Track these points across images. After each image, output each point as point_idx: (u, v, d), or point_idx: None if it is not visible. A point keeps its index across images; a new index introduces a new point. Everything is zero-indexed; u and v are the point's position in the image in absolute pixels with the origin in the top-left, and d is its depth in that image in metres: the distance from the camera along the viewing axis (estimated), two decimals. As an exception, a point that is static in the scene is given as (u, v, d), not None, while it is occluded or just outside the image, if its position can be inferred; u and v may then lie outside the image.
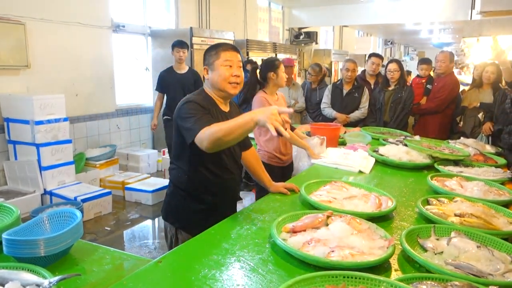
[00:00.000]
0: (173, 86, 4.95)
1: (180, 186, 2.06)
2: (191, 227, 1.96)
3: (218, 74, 1.97)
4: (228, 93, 2.00)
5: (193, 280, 1.33)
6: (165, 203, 2.16)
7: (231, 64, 1.97)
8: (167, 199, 2.15)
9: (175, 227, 2.08)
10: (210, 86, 2.03)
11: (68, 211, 1.65)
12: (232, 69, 1.97)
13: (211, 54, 1.99)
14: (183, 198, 2.05)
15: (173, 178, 2.10)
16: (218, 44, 2.05)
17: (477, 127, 4.22)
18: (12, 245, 1.37)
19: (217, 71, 1.97)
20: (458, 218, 1.76)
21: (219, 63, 1.96)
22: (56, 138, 4.41)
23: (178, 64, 5.04)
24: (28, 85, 4.64)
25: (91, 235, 3.97)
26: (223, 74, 1.96)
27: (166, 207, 2.15)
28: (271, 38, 10.32)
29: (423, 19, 10.05)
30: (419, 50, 23.17)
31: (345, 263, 1.35)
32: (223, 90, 1.99)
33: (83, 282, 1.34)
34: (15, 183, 4.41)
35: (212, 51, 1.99)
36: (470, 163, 2.91)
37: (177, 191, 2.06)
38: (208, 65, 2.01)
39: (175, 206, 2.09)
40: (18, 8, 4.44)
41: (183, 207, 2.04)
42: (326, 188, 2.18)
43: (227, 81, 1.97)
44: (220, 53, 1.97)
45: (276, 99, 3.23)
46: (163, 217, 2.16)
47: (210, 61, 1.99)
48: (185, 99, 1.96)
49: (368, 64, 4.96)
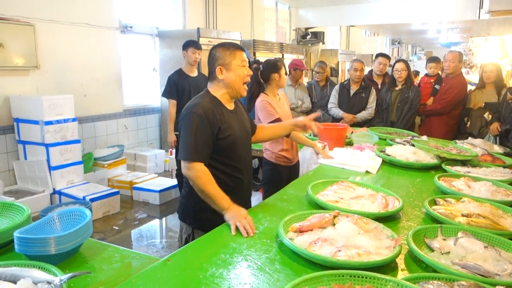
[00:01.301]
0: (188, 92, 4.33)
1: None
2: (208, 226, 1.95)
3: (236, 74, 2.00)
4: (240, 94, 2.06)
5: (201, 279, 1.34)
6: (182, 204, 2.18)
7: (245, 65, 2.03)
8: (183, 201, 2.17)
9: (192, 227, 2.11)
10: (223, 85, 2.03)
11: (77, 210, 1.67)
12: (246, 69, 2.03)
13: (226, 54, 2.00)
14: (201, 198, 2.02)
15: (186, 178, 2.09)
16: (228, 43, 2.07)
17: (484, 127, 4.20)
18: (23, 243, 1.40)
19: (234, 71, 2.00)
20: (465, 219, 1.75)
21: (237, 63, 2.00)
22: (65, 138, 4.45)
23: (190, 67, 4.48)
24: (38, 85, 4.69)
25: (99, 234, 4.01)
26: (242, 74, 2.01)
27: (183, 208, 2.17)
28: (278, 39, 10.32)
29: (430, 18, 9.98)
30: (426, 49, 23.00)
31: (352, 263, 1.35)
32: (237, 90, 2.04)
33: (93, 280, 1.36)
34: (24, 183, 4.47)
35: (227, 51, 2.00)
36: (478, 163, 2.89)
37: (194, 192, 2.03)
38: (223, 65, 2.00)
39: (192, 207, 2.10)
40: (27, 9, 4.50)
41: (200, 208, 2.03)
42: (333, 188, 2.19)
43: (242, 81, 2.03)
44: (236, 53, 2.00)
45: (278, 100, 3.24)
46: (180, 218, 2.18)
47: (227, 61, 1.99)
48: (191, 106, 1.98)
49: (375, 64, 4.94)
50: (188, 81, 4.39)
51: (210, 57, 2.06)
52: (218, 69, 2.01)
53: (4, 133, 4.42)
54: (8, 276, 1.26)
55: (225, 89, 2.04)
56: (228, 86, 2.03)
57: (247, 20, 8.83)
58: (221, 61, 2.00)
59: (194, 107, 1.96)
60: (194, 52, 4.40)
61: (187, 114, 1.95)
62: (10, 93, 4.42)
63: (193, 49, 4.41)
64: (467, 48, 9.52)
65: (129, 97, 6.15)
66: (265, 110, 3.06)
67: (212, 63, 2.04)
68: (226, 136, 1.99)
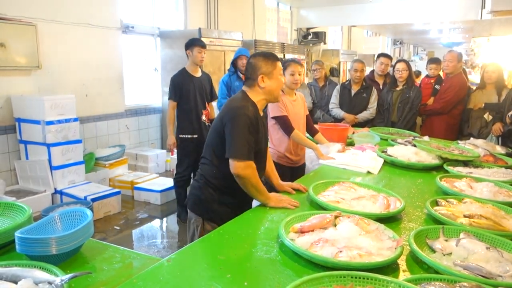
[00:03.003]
0: (193, 94, 4.13)
1: (214, 181, 2.17)
2: (218, 219, 2.09)
3: (277, 83, 2.19)
4: (278, 100, 2.28)
5: (202, 279, 1.34)
6: (193, 196, 2.25)
7: (282, 73, 2.26)
8: (195, 192, 2.24)
9: (202, 218, 2.19)
10: (263, 92, 2.17)
11: (79, 210, 1.67)
12: (283, 77, 2.25)
13: (267, 64, 2.16)
14: (215, 192, 2.17)
15: (205, 173, 2.20)
16: (268, 54, 2.23)
17: (484, 127, 4.19)
18: (24, 243, 1.40)
19: (276, 80, 2.18)
20: (467, 219, 1.75)
21: (277, 73, 2.18)
22: (66, 138, 4.46)
23: (195, 67, 4.21)
24: (39, 85, 4.70)
25: (100, 234, 4.01)
26: (281, 83, 2.22)
27: (194, 199, 2.24)
28: (279, 39, 10.31)
29: (432, 18, 9.96)
30: (428, 50, 22.96)
31: (353, 264, 1.35)
32: (276, 96, 2.23)
33: (94, 280, 1.36)
34: (26, 183, 4.47)
35: (268, 61, 2.17)
36: (480, 164, 2.89)
37: (209, 185, 2.18)
38: (266, 74, 2.15)
39: (205, 198, 2.19)
40: (29, 9, 4.50)
41: (214, 200, 2.17)
42: (334, 188, 2.18)
43: (281, 89, 2.25)
44: (275, 64, 2.18)
45: (293, 99, 3.24)
46: (190, 209, 2.26)
47: (268, 70, 2.15)
48: (240, 108, 2.08)
49: (376, 64, 4.93)
50: (192, 82, 4.16)
51: (250, 65, 2.19)
52: (260, 78, 2.15)
53: (5, 133, 4.43)
54: (9, 276, 1.26)
55: (264, 96, 2.19)
56: (268, 93, 2.18)
57: (248, 20, 8.82)
58: (263, 70, 2.15)
59: (243, 108, 2.07)
60: (200, 52, 4.13)
61: (238, 114, 2.05)
62: (12, 93, 4.43)
63: (199, 48, 4.13)
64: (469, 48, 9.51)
65: (130, 97, 6.15)
66: (275, 104, 3.08)
67: (254, 71, 2.17)
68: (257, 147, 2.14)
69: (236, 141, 2.01)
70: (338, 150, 3.06)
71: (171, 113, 4.19)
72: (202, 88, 4.19)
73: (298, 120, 3.21)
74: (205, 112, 4.20)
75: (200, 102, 4.17)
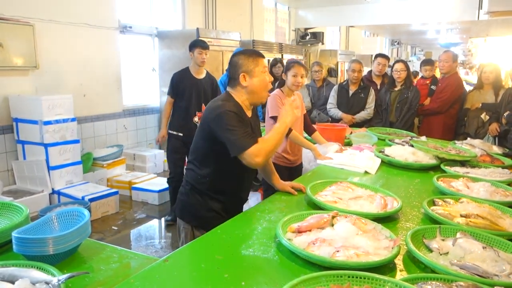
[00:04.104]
0: (189, 93, 4.14)
1: (199, 187, 2.09)
2: (207, 225, 1.98)
3: (260, 81, 2.03)
4: (261, 101, 2.12)
5: (199, 279, 1.34)
6: (181, 202, 2.18)
7: (267, 71, 2.07)
8: (182, 198, 2.17)
9: (191, 225, 2.12)
10: (245, 92, 2.05)
11: (76, 210, 1.67)
12: (268, 75, 2.07)
13: (249, 61, 2.02)
14: (202, 197, 2.09)
15: (191, 178, 2.12)
16: (250, 50, 2.11)
17: (480, 128, 4.21)
18: (21, 243, 1.40)
19: (258, 78, 2.02)
20: (464, 219, 1.75)
21: (260, 70, 2.03)
22: (64, 138, 4.45)
23: (198, 68, 4.17)
24: (37, 85, 4.68)
25: (98, 234, 4.00)
26: (265, 81, 2.04)
27: (181, 206, 2.18)
28: (277, 39, 10.31)
29: (430, 19, 9.99)
30: (426, 50, 23.01)
31: (350, 263, 1.35)
32: (261, 97, 2.08)
33: (91, 280, 1.36)
34: (23, 183, 4.46)
35: (249, 58, 2.03)
36: (477, 164, 2.89)
37: (195, 191, 2.10)
38: (247, 72, 2.02)
39: (192, 205, 2.12)
40: (27, 9, 4.49)
41: (201, 206, 2.09)
42: (331, 188, 2.19)
43: (266, 88, 2.07)
44: (257, 60, 2.03)
45: (292, 100, 3.23)
46: (178, 216, 2.19)
47: (250, 68, 2.02)
48: (220, 106, 1.96)
49: (374, 64, 4.95)
50: (192, 82, 4.15)
51: (231, 64, 2.07)
52: (241, 76, 2.02)
53: (3, 133, 4.42)
54: (6, 276, 1.26)
55: (247, 95, 2.06)
56: (251, 92, 2.04)
57: (246, 20, 8.83)
58: (244, 68, 2.02)
59: (223, 106, 1.96)
60: (200, 53, 4.09)
61: (220, 113, 1.93)
62: (9, 93, 4.42)
63: (199, 50, 4.09)
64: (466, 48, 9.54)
65: (128, 97, 6.14)
66: (274, 103, 3.11)
67: (235, 70, 2.04)
68: None
69: (234, 136, 1.89)
70: (335, 150, 3.07)
71: (166, 108, 4.29)
72: (201, 90, 4.16)
73: (296, 120, 3.21)
74: (199, 114, 4.14)
75: (195, 103, 4.12)
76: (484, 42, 8.70)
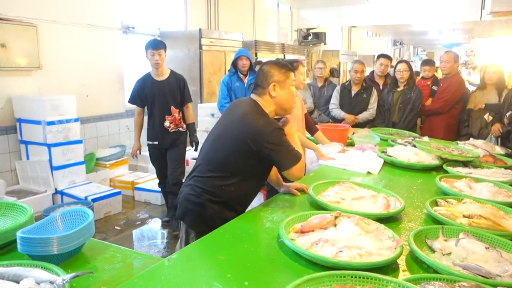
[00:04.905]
0: (152, 98, 3.90)
1: (219, 196, 2.00)
2: None
3: (289, 93, 2.05)
4: (288, 112, 2.12)
5: (202, 279, 1.35)
6: (194, 213, 2.03)
7: (294, 84, 2.11)
8: (196, 209, 2.02)
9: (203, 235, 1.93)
10: (274, 102, 2.04)
11: (80, 210, 1.68)
12: (294, 89, 2.11)
13: (281, 72, 2.03)
14: (219, 207, 2.00)
15: (211, 187, 2.01)
16: (282, 63, 2.12)
17: (483, 128, 4.20)
18: (26, 243, 1.41)
19: (288, 90, 2.04)
20: (466, 220, 1.75)
21: (289, 83, 2.05)
22: (67, 139, 4.46)
23: (155, 70, 3.89)
24: (40, 86, 4.70)
25: (101, 234, 4.01)
26: (293, 94, 2.07)
27: (195, 217, 2.03)
28: (279, 39, 10.31)
29: (432, 19, 9.97)
30: (428, 50, 22.96)
31: (353, 264, 1.35)
32: (288, 109, 2.09)
33: (95, 280, 1.37)
34: (27, 183, 4.48)
35: (282, 69, 2.04)
36: (480, 164, 2.89)
37: (213, 201, 1.99)
38: (278, 82, 2.02)
39: (209, 216, 2.00)
40: (30, 10, 4.51)
41: (218, 216, 1.97)
42: (334, 188, 2.19)
43: (293, 102, 2.09)
44: (289, 74, 2.05)
45: None
46: (189, 225, 2.05)
47: (281, 78, 2.03)
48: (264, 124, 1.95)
49: (376, 65, 4.94)
50: (154, 86, 3.90)
51: (262, 72, 2.06)
52: (272, 86, 2.02)
53: (6, 133, 4.43)
54: (11, 275, 1.27)
55: (275, 106, 2.06)
56: (278, 104, 2.05)
57: (248, 20, 8.83)
58: (276, 78, 2.02)
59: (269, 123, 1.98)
60: (153, 54, 3.77)
61: (274, 130, 1.96)
62: (13, 93, 4.43)
63: (151, 51, 3.78)
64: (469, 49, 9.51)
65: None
66: None
67: (266, 79, 2.04)
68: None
69: (286, 153, 1.95)
70: (338, 151, 3.07)
71: (136, 119, 4.15)
72: (165, 92, 3.88)
73: (297, 120, 3.22)
74: (169, 118, 3.93)
75: (161, 107, 3.90)
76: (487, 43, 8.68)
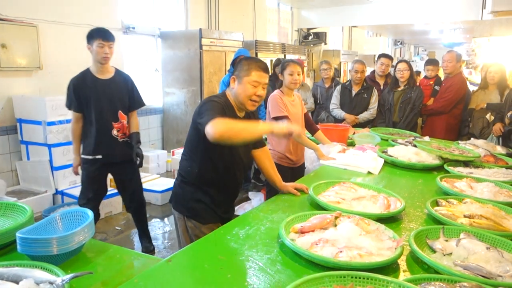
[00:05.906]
0: (95, 100, 3.15)
1: (188, 178, 2.18)
2: (198, 216, 2.15)
3: (243, 89, 2.06)
4: (246, 108, 2.11)
5: (202, 279, 1.35)
6: (174, 194, 2.28)
7: (257, 85, 2.06)
8: (175, 190, 2.26)
9: (183, 215, 2.20)
10: (232, 94, 2.11)
11: (80, 210, 1.68)
12: (256, 89, 2.06)
13: (243, 68, 2.06)
14: (190, 188, 2.17)
15: (182, 170, 2.22)
16: (253, 59, 2.14)
17: (485, 128, 4.19)
18: (26, 244, 1.41)
19: (243, 86, 2.05)
20: (467, 220, 1.75)
21: (248, 80, 2.04)
22: (67, 139, 4.45)
23: (100, 66, 3.24)
24: (40, 86, 4.70)
25: (101, 235, 4.01)
26: (248, 92, 2.05)
27: (175, 197, 2.26)
28: (280, 39, 10.31)
29: (433, 19, 9.96)
30: (429, 50, 22.94)
31: (353, 264, 1.35)
32: (243, 104, 2.09)
33: (95, 280, 1.36)
34: (27, 183, 4.48)
35: (245, 66, 2.06)
36: (481, 164, 2.89)
37: (184, 181, 2.19)
38: (237, 76, 2.08)
39: (183, 195, 2.20)
40: (30, 11, 4.51)
41: (191, 197, 2.17)
42: (334, 189, 2.18)
43: (248, 98, 2.07)
44: (251, 72, 2.04)
45: (292, 100, 3.25)
46: (173, 207, 2.27)
47: (240, 74, 2.06)
48: (208, 97, 2.09)
49: (377, 64, 4.94)
50: (96, 86, 3.20)
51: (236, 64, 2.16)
52: (232, 78, 2.10)
53: (7, 134, 4.44)
54: (11, 276, 1.27)
55: (234, 98, 2.11)
56: (235, 95, 2.10)
57: (249, 20, 8.83)
58: (237, 72, 2.09)
59: (212, 97, 2.08)
60: (102, 46, 3.15)
61: (204, 101, 2.05)
62: (13, 93, 4.44)
63: (100, 42, 3.14)
64: (470, 48, 9.49)
65: (131, 98, 6.15)
66: (275, 104, 3.12)
67: (234, 70, 2.13)
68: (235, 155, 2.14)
69: (206, 112, 1.89)
70: (338, 151, 3.06)
71: (73, 128, 3.27)
72: (111, 93, 3.20)
73: (297, 120, 3.23)
74: (116, 125, 3.21)
75: (108, 112, 3.17)
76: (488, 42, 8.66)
